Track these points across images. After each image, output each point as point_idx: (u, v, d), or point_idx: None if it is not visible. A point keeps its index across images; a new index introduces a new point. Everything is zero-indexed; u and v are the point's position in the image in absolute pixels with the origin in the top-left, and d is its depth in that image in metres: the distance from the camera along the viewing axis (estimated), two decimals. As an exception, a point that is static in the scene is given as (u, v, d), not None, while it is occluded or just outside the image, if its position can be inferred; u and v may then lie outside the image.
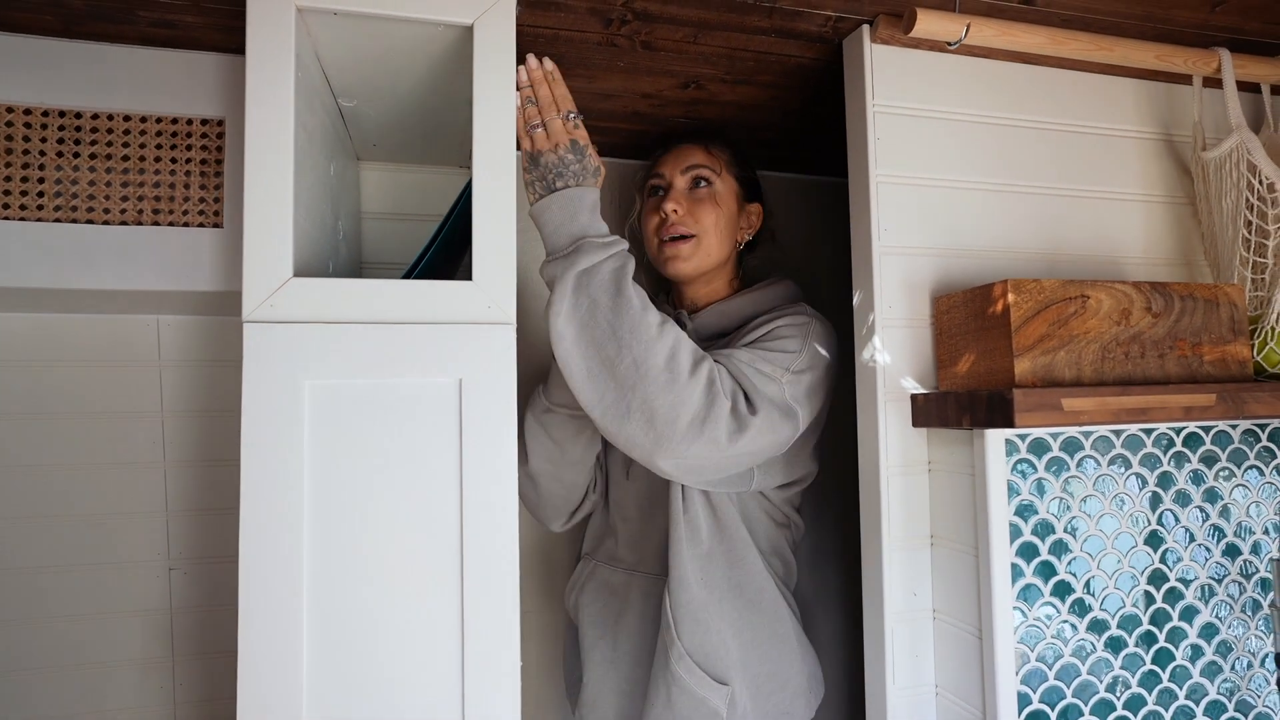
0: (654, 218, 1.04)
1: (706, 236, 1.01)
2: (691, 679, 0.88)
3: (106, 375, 1.10)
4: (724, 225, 1.02)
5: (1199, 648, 0.82)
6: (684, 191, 1.03)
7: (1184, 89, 0.99)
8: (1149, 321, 0.79)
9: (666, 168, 1.04)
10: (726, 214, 1.03)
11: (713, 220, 1.01)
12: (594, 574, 1.07)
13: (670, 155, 1.05)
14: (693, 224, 1.00)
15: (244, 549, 0.69)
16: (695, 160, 1.03)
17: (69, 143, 0.85)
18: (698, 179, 1.03)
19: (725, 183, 1.04)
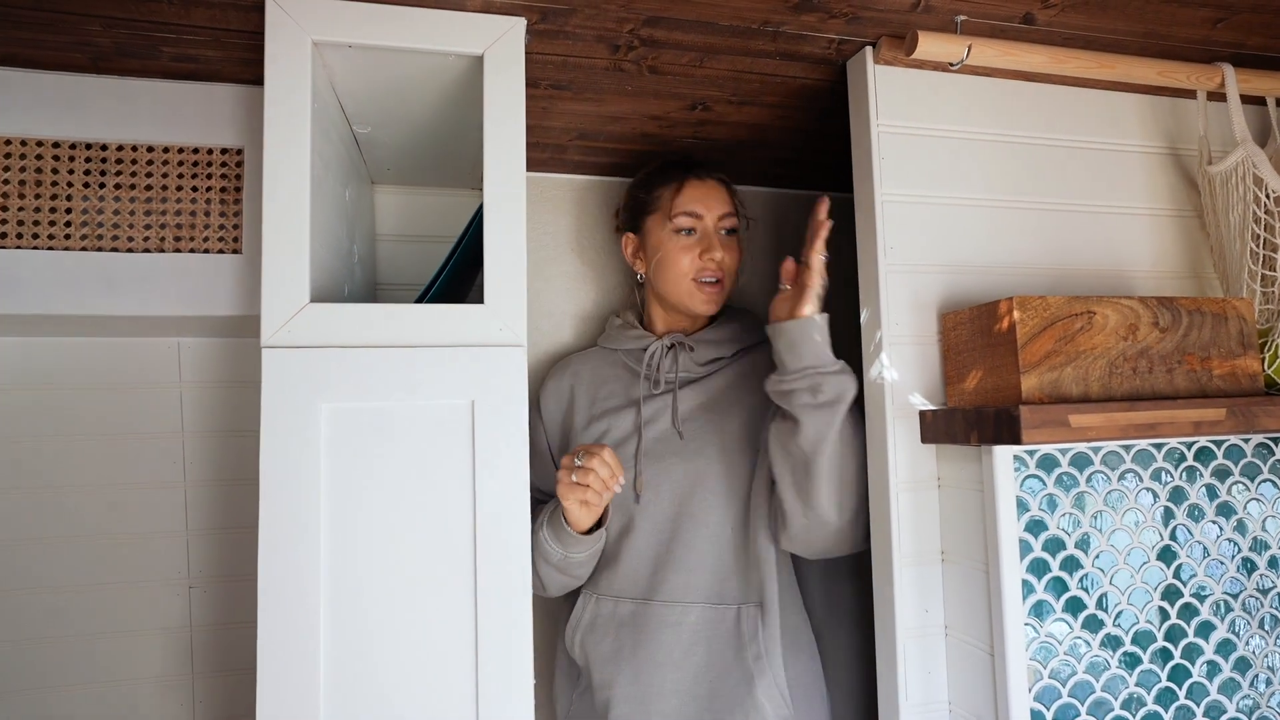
0: (687, 255, 1.06)
1: (729, 280, 1.08)
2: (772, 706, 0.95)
3: (128, 397, 1.12)
4: (737, 262, 1.10)
5: (1216, 664, 0.81)
6: (719, 236, 1.07)
7: (1189, 103, 0.99)
8: (1156, 336, 0.79)
9: (701, 206, 1.06)
10: (737, 256, 1.10)
11: (735, 261, 1.09)
12: (598, 608, 1.05)
13: (699, 193, 1.07)
14: (727, 269, 1.07)
15: (263, 568, 0.70)
16: (728, 209, 1.08)
17: (95, 174, 0.88)
18: (729, 229, 1.08)
19: (740, 225, 1.10)
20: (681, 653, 0.99)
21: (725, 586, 1.00)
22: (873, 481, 0.88)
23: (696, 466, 1.02)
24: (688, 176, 1.07)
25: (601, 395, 1.10)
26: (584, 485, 0.91)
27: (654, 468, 1.03)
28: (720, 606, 1.00)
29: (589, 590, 1.08)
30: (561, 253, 1.29)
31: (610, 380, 1.12)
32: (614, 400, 1.09)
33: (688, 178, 1.07)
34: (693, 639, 0.99)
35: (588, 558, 1.02)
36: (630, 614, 1.02)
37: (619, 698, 1.02)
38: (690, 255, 1.05)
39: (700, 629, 0.99)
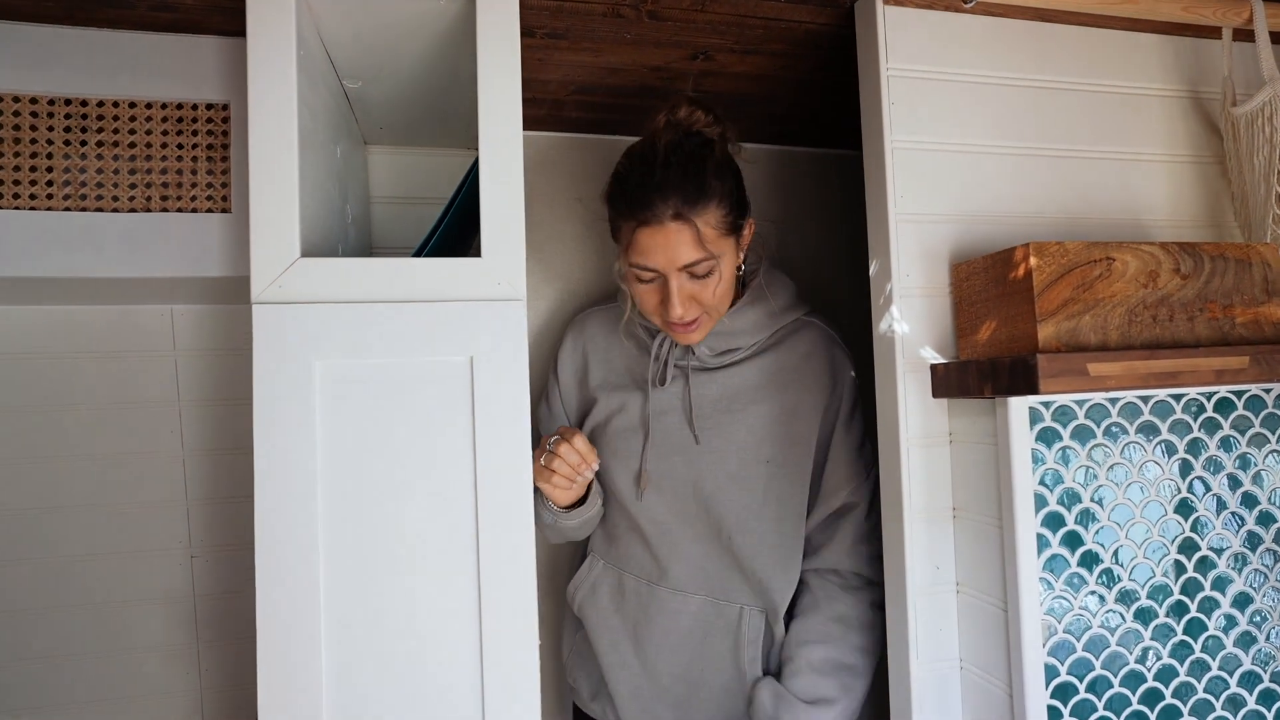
0: (652, 298, 0.91)
1: (718, 309, 0.93)
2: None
3: (123, 366, 1.10)
4: (729, 285, 0.93)
5: (1233, 618, 0.80)
6: (686, 284, 0.88)
7: (1212, 44, 0.95)
8: (1177, 283, 0.77)
9: (656, 261, 0.87)
10: (730, 274, 0.92)
11: (720, 296, 0.91)
12: (605, 575, 1.06)
13: (655, 241, 0.86)
14: (699, 309, 0.90)
15: (259, 530, 0.69)
16: (693, 258, 0.86)
17: (75, 131, 0.85)
18: (698, 274, 0.88)
19: (726, 252, 0.90)
20: (678, 639, 1.00)
21: (730, 585, 0.99)
22: (883, 438, 0.86)
23: (704, 468, 0.97)
24: (638, 227, 0.87)
25: (616, 368, 1.05)
26: (550, 471, 0.92)
27: (660, 466, 0.99)
28: (722, 603, 0.99)
29: (595, 555, 1.08)
30: (561, 213, 1.26)
31: (624, 353, 1.05)
32: (625, 379, 1.04)
33: (638, 228, 0.87)
34: (691, 627, 0.99)
35: (580, 524, 1.02)
36: (634, 591, 1.03)
37: (616, 664, 1.03)
38: (654, 299, 0.91)
39: (700, 618, 0.99)
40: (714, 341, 0.99)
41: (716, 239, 0.88)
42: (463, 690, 0.72)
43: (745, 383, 0.99)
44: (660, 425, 1.00)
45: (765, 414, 0.97)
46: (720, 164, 0.90)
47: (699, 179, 0.86)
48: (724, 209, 0.88)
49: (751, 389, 0.98)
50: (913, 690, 0.82)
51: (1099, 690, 0.75)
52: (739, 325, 0.99)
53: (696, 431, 0.98)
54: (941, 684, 0.83)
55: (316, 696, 0.70)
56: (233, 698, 1.15)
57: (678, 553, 1.00)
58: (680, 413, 1.00)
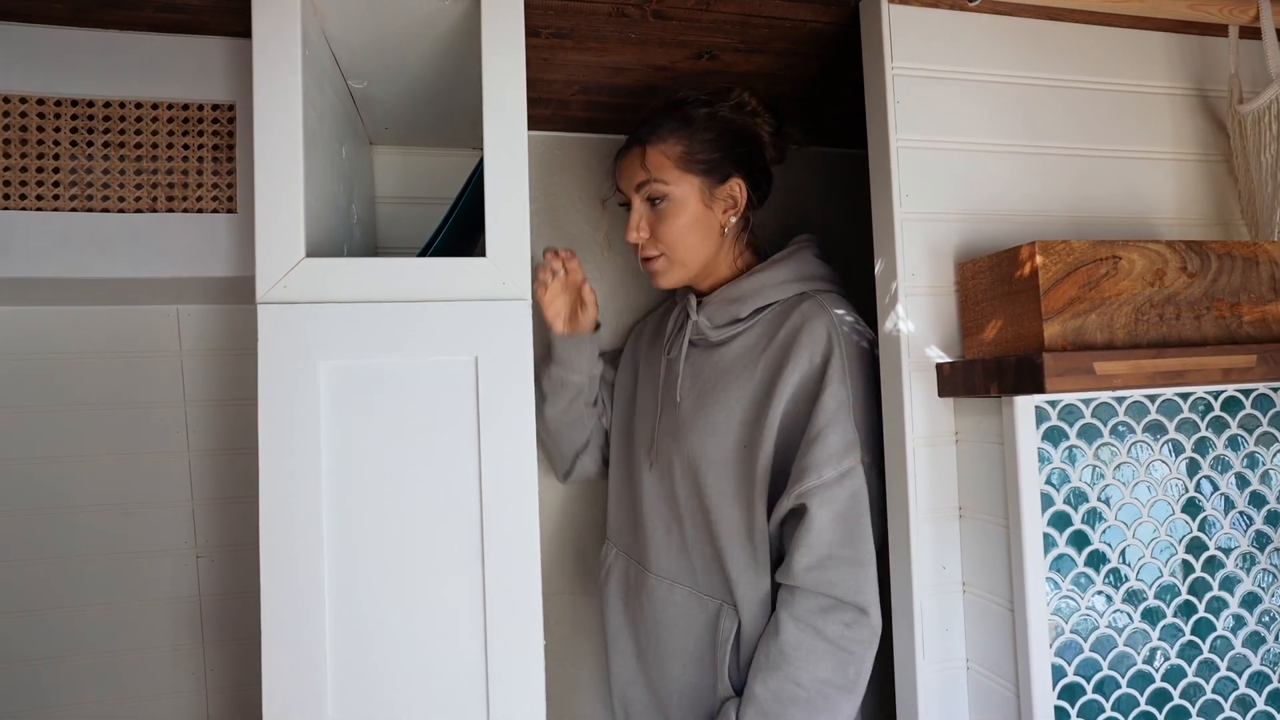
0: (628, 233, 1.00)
1: (675, 250, 0.97)
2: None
3: (129, 366, 1.11)
4: (693, 229, 0.96)
5: (1241, 618, 0.79)
6: (644, 212, 0.98)
7: (1218, 42, 0.95)
8: (1184, 282, 0.76)
9: (621, 182, 1.01)
10: (691, 217, 0.96)
11: (676, 234, 0.96)
12: (615, 563, 1.09)
13: (620, 165, 1.01)
14: (654, 245, 0.98)
15: (264, 529, 0.69)
16: (639, 178, 0.96)
17: (82, 132, 0.85)
18: (650, 198, 0.97)
19: (681, 185, 0.95)
20: (666, 629, 0.98)
21: (710, 579, 0.94)
22: (889, 437, 0.86)
23: (690, 446, 0.94)
24: (618, 154, 1.02)
25: (654, 352, 1.11)
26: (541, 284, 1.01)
27: (661, 440, 1.01)
28: (705, 598, 0.95)
29: (609, 540, 1.11)
30: (566, 213, 1.26)
31: (660, 337, 1.11)
32: (652, 360, 1.10)
33: (618, 156, 1.02)
34: (678, 617, 0.97)
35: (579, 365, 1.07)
36: (636, 578, 1.03)
37: (615, 653, 1.04)
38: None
39: (684, 611, 0.97)
40: (714, 311, 0.98)
41: (667, 167, 0.95)
42: (468, 690, 0.72)
43: (730, 359, 0.95)
44: (662, 400, 1.01)
45: (742, 394, 0.92)
46: (711, 115, 0.97)
47: (667, 117, 0.97)
48: (686, 146, 0.96)
49: (732, 366, 0.94)
50: (919, 691, 0.81)
51: (1106, 691, 0.75)
52: (737, 292, 0.97)
53: (682, 410, 0.98)
54: (948, 684, 0.82)
55: (321, 696, 0.70)
56: (239, 698, 1.15)
57: (667, 539, 0.99)
58: (687, 385, 0.99)
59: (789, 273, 0.97)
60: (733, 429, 0.92)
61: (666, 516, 0.99)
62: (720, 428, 0.93)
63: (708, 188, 0.96)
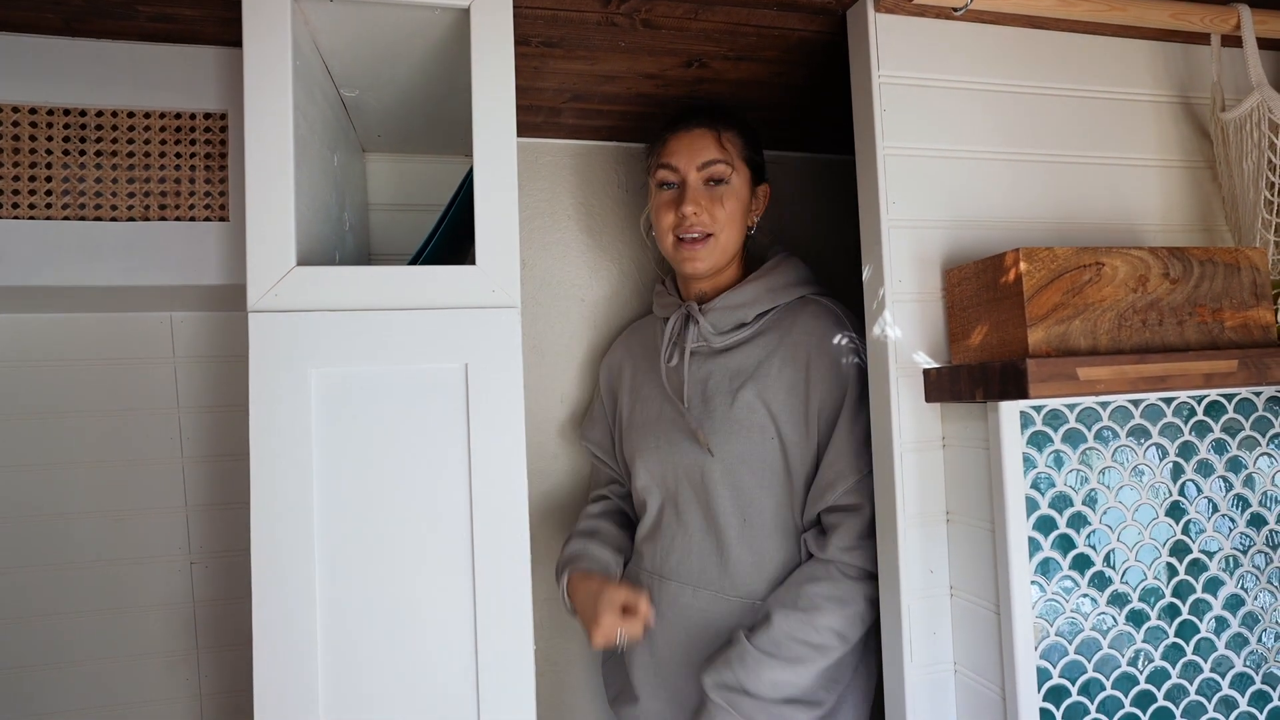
0: (669, 215, 1.00)
1: (723, 234, 0.99)
2: None
3: (122, 373, 1.11)
4: (740, 218, 1.01)
5: (1224, 619, 0.80)
6: (700, 188, 0.99)
7: (1201, 50, 0.96)
8: (1167, 288, 0.77)
9: (679, 159, 1.00)
10: (740, 206, 1.01)
11: (727, 217, 0.99)
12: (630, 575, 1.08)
13: (682, 143, 1.00)
14: (710, 223, 0.99)
15: (256, 535, 0.69)
16: (710, 155, 0.99)
17: (74, 140, 0.86)
18: (714, 177, 0.99)
19: (740, 174, 1.01)
20: (689, 634, 0.98)
21: (735, 578, 0.97)
22: (877, 443, 0.87)
23: (710, 453, 0.97)
24: (674, 129, 1.02)
25: (643, 368, 1.10)
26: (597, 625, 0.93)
27: (672, 450, 1.01)
28: (730, 598, 0.97)
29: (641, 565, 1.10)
30: (559, 220, 1.27)
31: (651, 352, 1.10)
32: (650, 368, 1.09)
33: (673, 131, 1.02)
34: (702, 620, 0.98)
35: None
36: (653, 589, 1.02)
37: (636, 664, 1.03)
38: (671, 212, 1.00)
39: (709, 615, 0.97)
40: (718, 318, 1.01)
41: (735, 154, 1.00)
42: (459, 697, 0.73)
43: (748, 361, 0.99)
44: (670, 410, 1.02)
45: (767, 391, 0.96)
46: (754, 131, 1.06)
47: (728, 113, 1.04)
48: (745, 139, 1.02)
49: (753, 366, 0.98)
50: (907, 694, 0.82)
51: (1091, 693, 0.76)
52: (741, 298, 1.01)
53: (694, 416, 0.99)
54: (936, 688, 0.83)
55: (313, 701, 0.70)
56: (232, 704, 1.15)
57: (686, 544, 1.00)
58: (693, 390, 1.01)
59: (786, 278, 1.03)
60: (762, 428, 0.96)
61: (701, 521, 0.99)
62: (750, 427, 0.96)
63: (752, 184, 1.04)
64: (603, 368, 1.19)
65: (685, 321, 1.04)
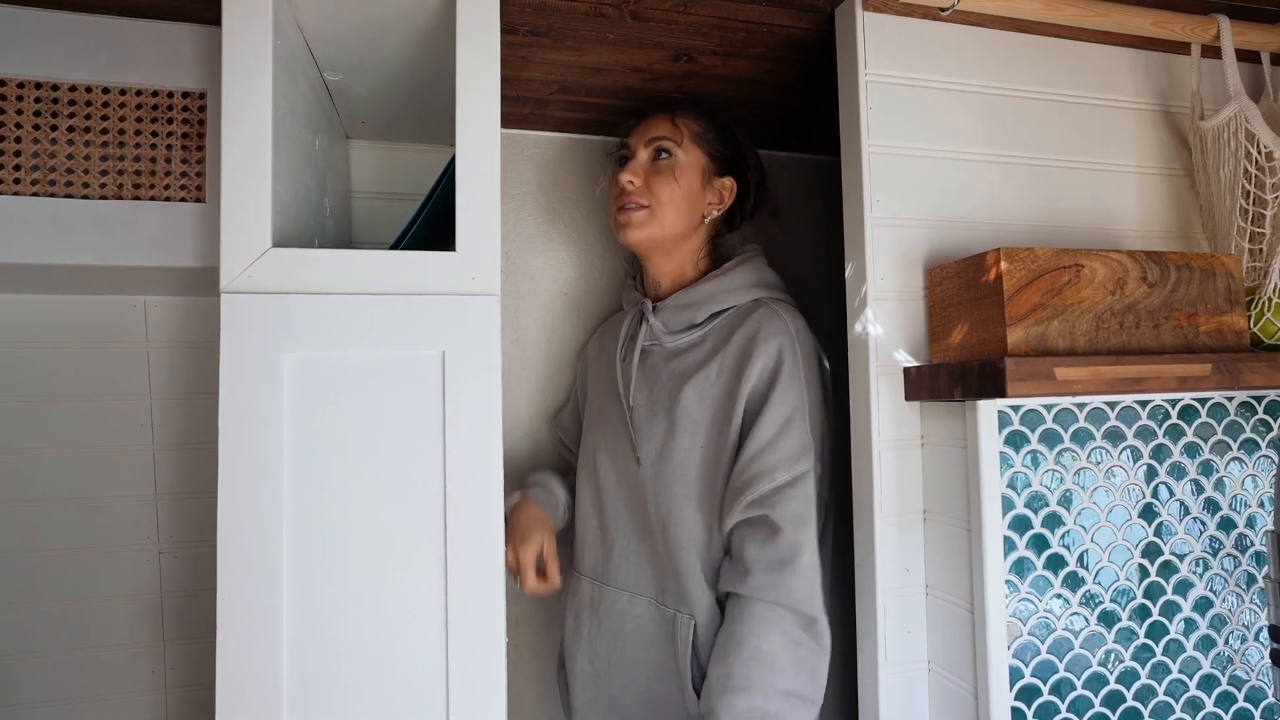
0: (615, 188, 1.02)
1: (661, 209, 0.97)
2: None
3: (94, 357, 1.09)
4: (683, 198, 0.98)
5: (1193, 621, 0.81)
6: (645, 163, 1.00)
7: (1182, 59, 0.97)
8: (1144, 291, 0.78)
9: (634, 138, 1.02)
10: (686, 187, 0.98)
11: (669, 193, 0.97)
12: (578, 585, 1.04)
13: (640, 125, 1.03)
14: (646, 195, 0.98)
15: (223, 523, 0.68)
16: (659, 131, 1.00)
17: (46, 115, 0.84)
18: (659, 150, 1.00)
19: (689, 154, 1.00)
20: (627, 645, 0.96)
21: (666, 587, 0.93)
22: (856, 440, 0.87)
23: (646, 456, 0.95)
24: (635, 124, 1.04)
25: (604, 363, 1.10)
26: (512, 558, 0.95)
27: (615, 451, 1.00)
28: (663, 608, 0.93)
29: (573, 567, 1.07)
30: (543, 212, 1.26)
31: (614, 347, 1.09)
32: (608, 369, 1.07)
33: (634, 124, 1.04)
34: (638, 629, 0.95)
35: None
36: (589, 595, 1.01)
37: (578, 674, 1.01)
38: (616, 185, 1.01)
39: (645, 622, 0.94)
40: (669, 317, 0.99)
41: (685, 135, 1.00)
42: (427, 688, 0.71)
43: (687, 365, 0.95)
44: (618, 410, 1.00)
45: (701, 399, 0.92)
46: (728, 126, 1.04)
47: (692, 101, 1.04)
48: (702, 125, 1.01)
49: (689, 372, 0.94)
50: (880, 693, 0.82)
51: (1062, 692, 0.76)
52: (693, 297, 0.98)
53: (639, 417, 0.97)
54: (909, 686, 0.83)
55: (277, 695, 0.69)
56: (198, 696, 1.13)
57: (625, 549, 0.98)
58: (643, 390, 0.98)
59: (743, 279, 0.98)
60: (693, 433, 0.92)
61: (637, 525, 0.97)
62: (681, 433, 0.92)
63: (709, 171, 1.01)
64: (579, 358, 1.20)
65: (640, 319, 1.02)
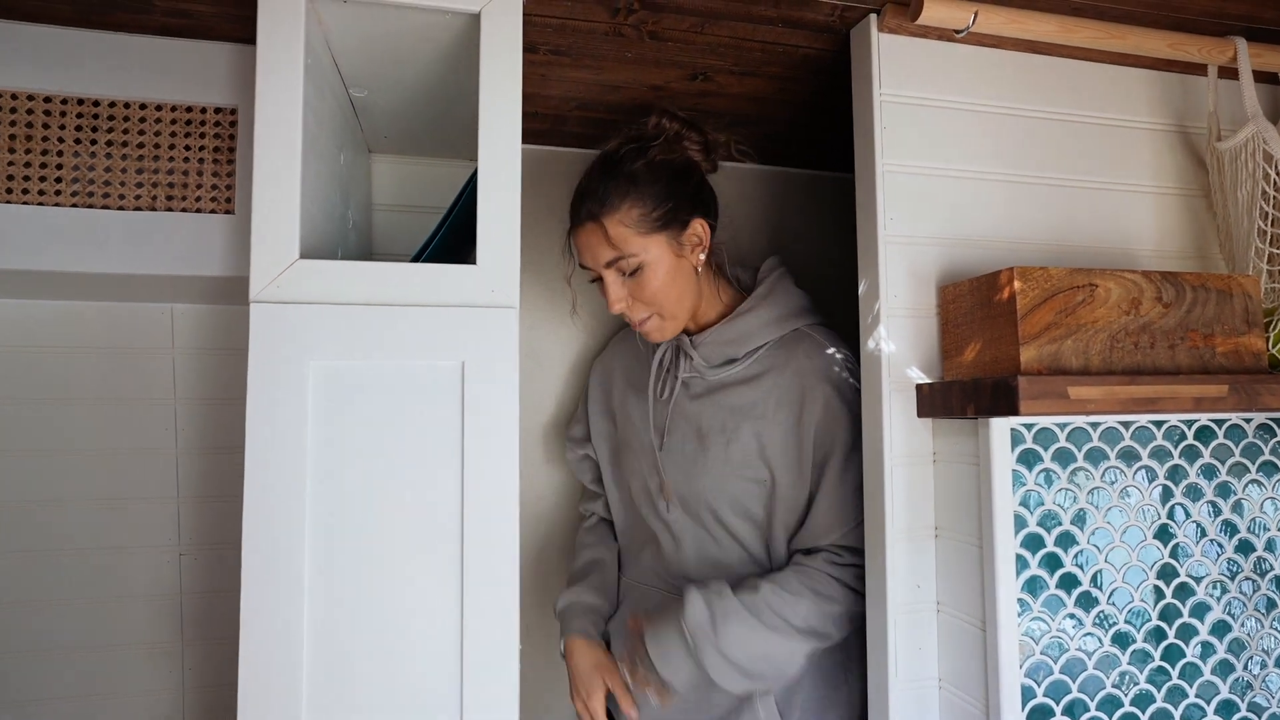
0: (602, 295, 0.98)
1: (664, 307, 0.95)
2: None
3: (121, 362, 1.12)
4: (673, 284, 0.95)
5: (1210, 645, 0.80)
6: (617, 284, 0.95)
7: (1198, 80, 0.98)
8: (1159, 311, 0.78)
9: (586, 259, 0.97)
10: (668, 274, 0.94)
11: (660, 293, 0.94)
12: (628, 592, 1.08)
13: (580, 242, 0.96)
14: (642, 308, 0.95)
15: (247, 524, 0.70)
16: (607, 255, 0.93)
17: (86, 130, 0.87)
18: (623, 271, 0.94)
19: (651, 249, 0.93)
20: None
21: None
22: (868, 456, 0.87)
23: (709, 485, 0.98)
24: (570, 231, 0.98)
25: (634, 387, 1.09)
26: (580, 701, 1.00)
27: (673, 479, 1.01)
28: None
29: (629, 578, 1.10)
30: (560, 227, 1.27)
31: (640, 367, 1.09)
32: (639, 394, 1.08)
33: (570, 232, 0.98)
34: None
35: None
36: (651, 602, 1.03)
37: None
38: (605, 298, 0.97)
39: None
40: (709, 351, 0.99)
41: (631, 238, 0.92)
42: (443, 692, 0.73)
43: (744, 400, 0.97)
44: (670, 438, 1.02)
45: (764, 434, 0.96)
46: (650, 165, 0.94)
47: (612, 181, 0.93)
48: (641, 208, 0.92)
49: (749, 406, 0.97)
50: (891, 709, 0.82)
51: (1075, 713, 0.76)
52: (733, 333, 0.99)
53: (686, 450, 0.99)
54: (919, 703, 0.83)
55: (297, 695, 0.70)
56: (215, 697, 1.15)
57: (690, 568, 1.00)
58: (684, 425, 1.01)
59: (778, 309, 1.00)
60: (754, 467, 0.96)
61: (688, 548, 1.00)
62: (743, 464, 0.96)
63: (674, 239, 0.94)
64: (596, 371, 1.19)
65: (676, 353, 1.03)
